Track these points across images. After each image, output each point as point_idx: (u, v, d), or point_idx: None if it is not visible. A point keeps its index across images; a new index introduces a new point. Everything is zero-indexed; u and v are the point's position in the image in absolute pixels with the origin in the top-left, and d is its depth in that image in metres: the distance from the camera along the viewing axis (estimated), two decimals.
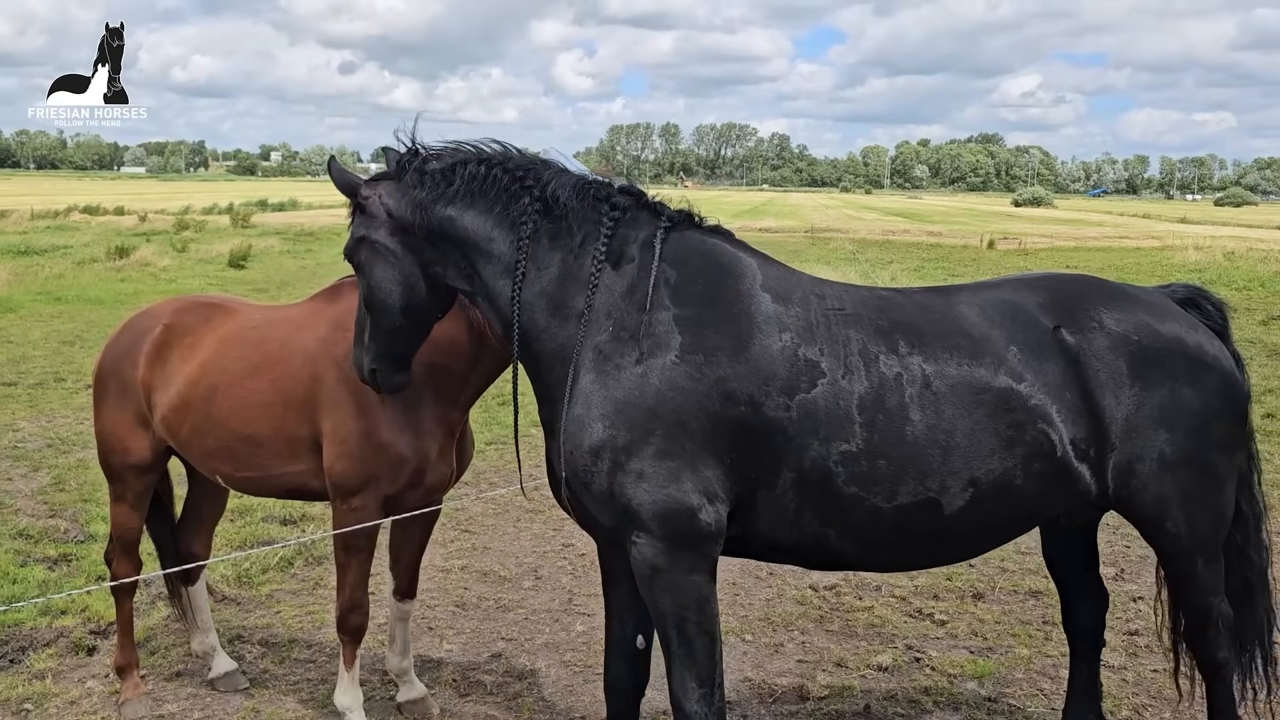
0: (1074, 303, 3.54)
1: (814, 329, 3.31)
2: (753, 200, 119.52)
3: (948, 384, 3.30)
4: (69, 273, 21.87)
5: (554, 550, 6.77)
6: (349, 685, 4.35)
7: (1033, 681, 4.94)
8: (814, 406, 3.21)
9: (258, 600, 5.94)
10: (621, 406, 3.21)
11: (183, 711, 4.63)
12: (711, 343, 3.24)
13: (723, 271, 3.38)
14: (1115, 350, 3.43)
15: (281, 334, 4.31)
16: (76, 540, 6.81)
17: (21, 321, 15.91)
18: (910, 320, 3.41)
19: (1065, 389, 3.39)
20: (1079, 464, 3.40)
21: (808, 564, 3.62)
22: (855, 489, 3.25)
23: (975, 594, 6.04)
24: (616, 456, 3.21)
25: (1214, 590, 3.69)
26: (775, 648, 5.32)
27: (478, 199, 3.41)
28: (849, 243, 39.03)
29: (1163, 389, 3.43)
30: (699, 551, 3.26)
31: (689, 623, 3.28)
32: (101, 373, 4.68)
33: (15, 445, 9.05)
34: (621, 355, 3.26)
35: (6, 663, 5.12)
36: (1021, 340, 3.42)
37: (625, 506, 3.23)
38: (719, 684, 3.36)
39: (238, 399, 4.25)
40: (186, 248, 28.85)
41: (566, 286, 3.37)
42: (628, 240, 3.39)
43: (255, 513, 7.38)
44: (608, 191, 3.46)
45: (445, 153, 3.50)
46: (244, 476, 4.37)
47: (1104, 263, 29.37)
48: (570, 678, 4.97)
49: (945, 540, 3.44)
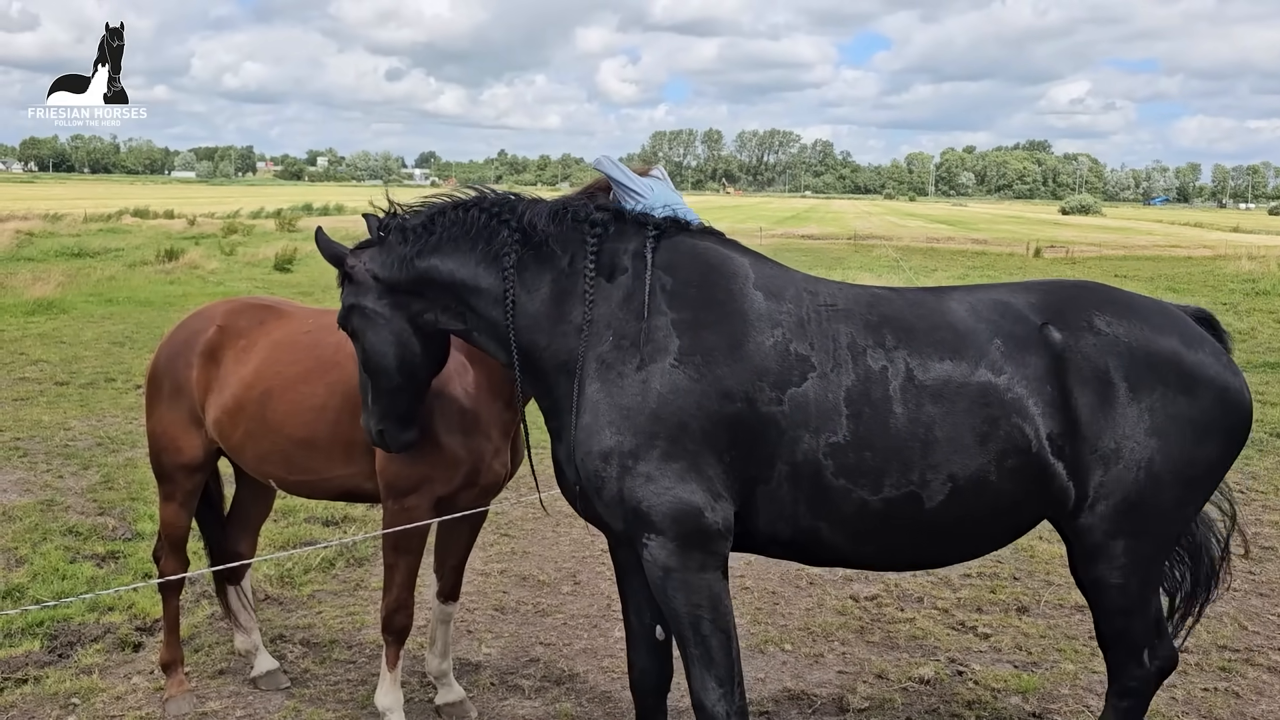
0: (1066, 304, 3.52)
1: (805, 324, 3.38)
2: (795, 207, 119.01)
3: (929, 377, 3.33)
4: (120, 275, 22.27)
5: (593, 556, 6.76)
6: (390, 686, 4.37)
7: (1079, 698, 4.85)
8: (804, 400, 3.29)
9: (299, 600, 5.99)
10: (626, 412, 3.30)
11: (225, 709, 4.68)
12: (708, 343, 3.33)
13: (715, 273, 3.47)
14: (1103, 349, 3.38)
15: (335, 338, 4.31)
16: (125, 538, 6.91)
17: (74, 323, 16.23)
18: (899, 315, 3.45)
19: (1045, 383, 3.35)
20: (1055, 460, 3.35)
21: (805, 559, 3.65)
22: (844, 481, 3.30)
23: (1020, 607, 5.94)
24: (624, 461, 3.29)
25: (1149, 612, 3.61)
26: (815, 658, 5.27)
27: (460, 242, 3.56)
28: (892, 250, 38.70)
29: (1153, 394, 3.36)
30: (708, 550, 3.32)
31: (704, 621, 3.33)
32: (155, 373, 4.74)
33: (66, 444, 9.22)
34: (623, 363, 3.35)
35: (55, 657, 5.21)
36: (1006, 334, 3.41)
37: (635, 509, 3.31)
38: (738, 681, 3.41)
39: (293, 403, 4.30)
40: (234, 251, 29.31)
41: (562, 304, 3.48)
42: (618, 253, 3.51)
43: (298, 513, 7.46)
44: (586, 212, 3.57)
45: (422, 208, 3.68)
46: (298, 480, 4.41)
47: (1154, 272, 28.88)
48: (609, 683, 4.96)
49: (930, 536, 3.43)
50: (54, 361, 13.02)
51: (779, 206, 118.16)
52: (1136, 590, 3.50)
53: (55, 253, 27.64)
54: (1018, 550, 6.81)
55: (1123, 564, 3.44)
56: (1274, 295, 22.40)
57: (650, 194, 4.10)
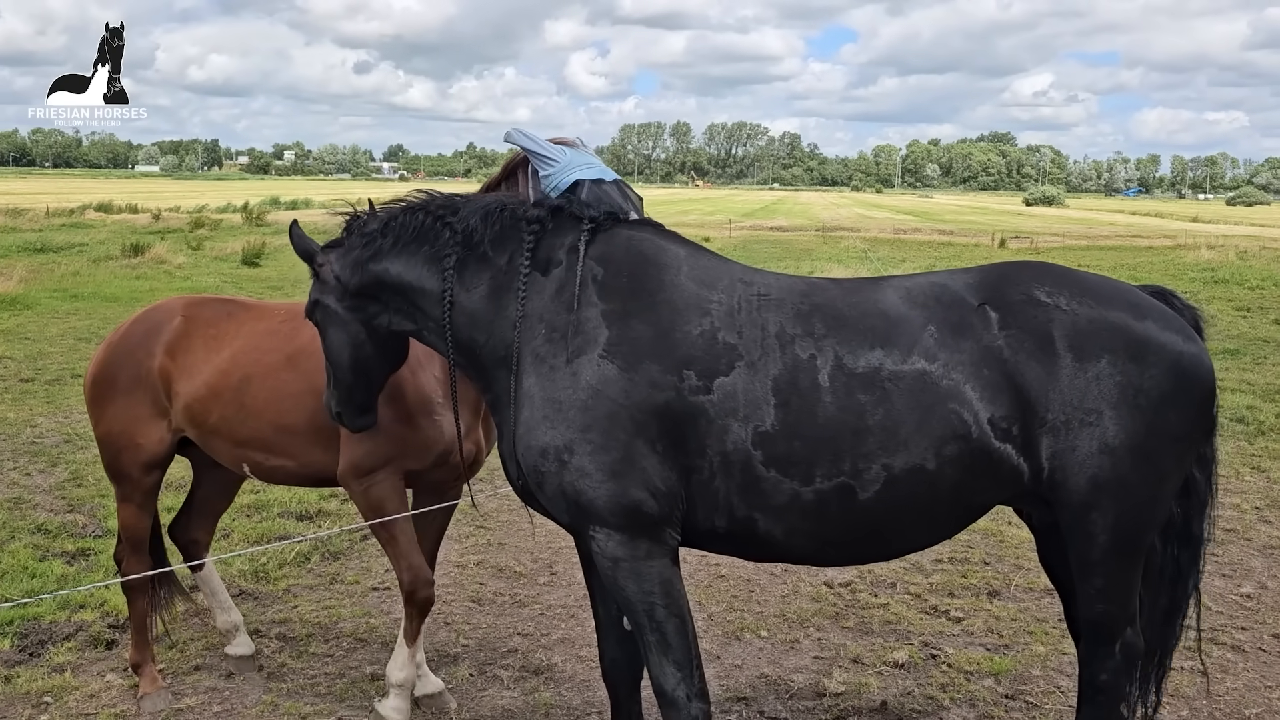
0: (1004, 281, 3.43)
1: (735, 314, 3.36)
2: (764, 199, 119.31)
3: (859, 366, 3.27)
4: (85, 270, 21.97)
5: (569, 547, 6.76)
6: (406, 661, 4.38)
7: (1050, 679, 4.94)
8: (733, 388, 3.26)
9: (274, 595, 5.97)
10: (559, 406, 3.31)
11: (201, 705, 4.66)
12: (635, 333, 3.32)
13: (647, 263, 3.47)
14: (1044, 320, 3.28)
15: (313, 328, 4.33)
16: (94, 535, 6.84)
17: (38, 318, 16.00)
18: (830, 304, 3.40)
19: (983, 365, 3.25)
20: (1000, 444, 3.25)
21: (747, 553, 3.62)
22: (774, 471, 3.26)
23: (991, 592, 6.03)
24: (560, 455, 3.30)
25: (1124, 603, 3.47)
26: (791, 644, 5.33)
27: (408, 245, 3.63)
28: (860, 241, 38.95)
29: (1100, 362, 3.24)
30: (655, 539, 3.33)
31: (657, 607, 3.34)
32: (108, 370, 4.67)
33: (33, 441, 9.10)
34: (555, 356, 3.37)
35: (26, 656, 5.16)
36: (941, 320, 3.33)
37: (576, 503, 3.32)
38: (697, 664, 3.41)
39: (272, 389, 4.38)
40: (201, 246, 28.97)
41: (499, 300, 3.52)
42: (555, 247, 3.53)
43: (272, 508, 7.42)
44: (523, 210, 3.62)
45: (381, 211, 3.76)
46: (274, 465, 4.47)
47: (1116, 261, 29.26)
48: (586, 672, 4.98)
49: (868, 527, 3.35)
50: (18, 358, 12.83)
51: (747, 199, 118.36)
52: (1115, 572, 3.41)
53: (17, 248, 27.18)
54: (988, 536, 6.91)
55: (1100, 543, 3.35)
56: (1233, 283, 22.78)
57: (563, 158, 4.18)
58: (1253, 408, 10.57)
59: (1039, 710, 4.64)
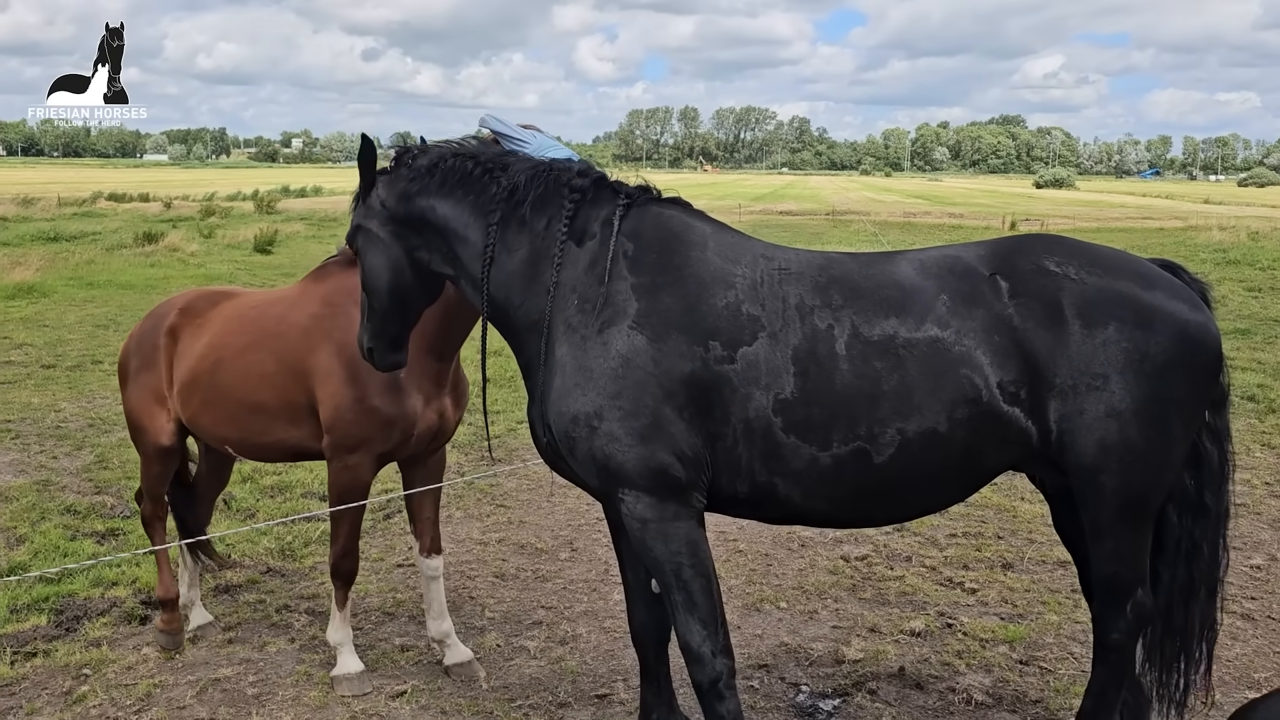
0: (1015, 252, 3.52)
1: (757, 287, 3.47)
2: (773, 183, 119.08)
3: (875, 334, 3.38)
4: (99, 258, 22.12)
5: (588, 524, 6.89)
6: (340, 624, 4.76)
7: (1063, 646, 5.04)
8: (755, 358, 3.38)
9: (301, 572, 6.10)
10: (590, 374, 3.43)
11: (237, 675, 4.80)
12: (664, 305, 3.44)
13: (675, 239, 3.58)
14: (1054, 288, 3.38)
15: (277, 311, 4.74)
16: (123, 516, 6.98)
17: (56, 306, 16.17)
18: (847, 276, 3.51)
19: (994, 332, 3.35)
20: (1009, 407, 3.35)
21: (767, 516, 3.70)
22: (793, 437, 3.38)
23: (1004, 564, 6.13)
24: (591, 422, 3.42)
25: (1133, 564, 3.56)
26: (809, 614, 5.44)
27: (455, 189, 3.73)
28: (870, 224, 38.91)
29: (1107, 329, 3.33)
30: (682, 501, 3.45)
31: (684, 567, 3.46)
32: (124, 357, 5.19)
33: (57, 425, 9.26)
34: (586, 326, 3.48)
35: (63, 631, 5.30)
36: (953, 289, 3.42)
37: (605, 467, 3.44)
38: (722, 622, 3.55)
39: (241, 371, 4.66)
40: (213, 233, 29.13)
41: (536, 265, 3.63)
42: (590, 219, 3.64)
43: (295, 489, 7.56)
44: (567, 177, 3.70)
45: (433, 149, 3.84)
46: (251, 443, 4.78)
47: (1127, 243, 29.18)
48: (611, 643, 5.11)
49: (882, 490, 3.46)
50: (38, 345, 13.00)
51: (756, 183, 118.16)
52: (1124, 534, 3.50)
53: (31, 237, 27.41)
54: (1000, 511, 7.01)
55: (1109, 506, 3.44)
56: (1244, 264, 22.74)
57: (534, 141, 4.34)
58: (1263, 386, 10.63)
59: (1053, 675, 4.74)
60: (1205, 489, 3.76)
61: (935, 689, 4.62)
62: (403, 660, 4.96)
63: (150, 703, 4.56)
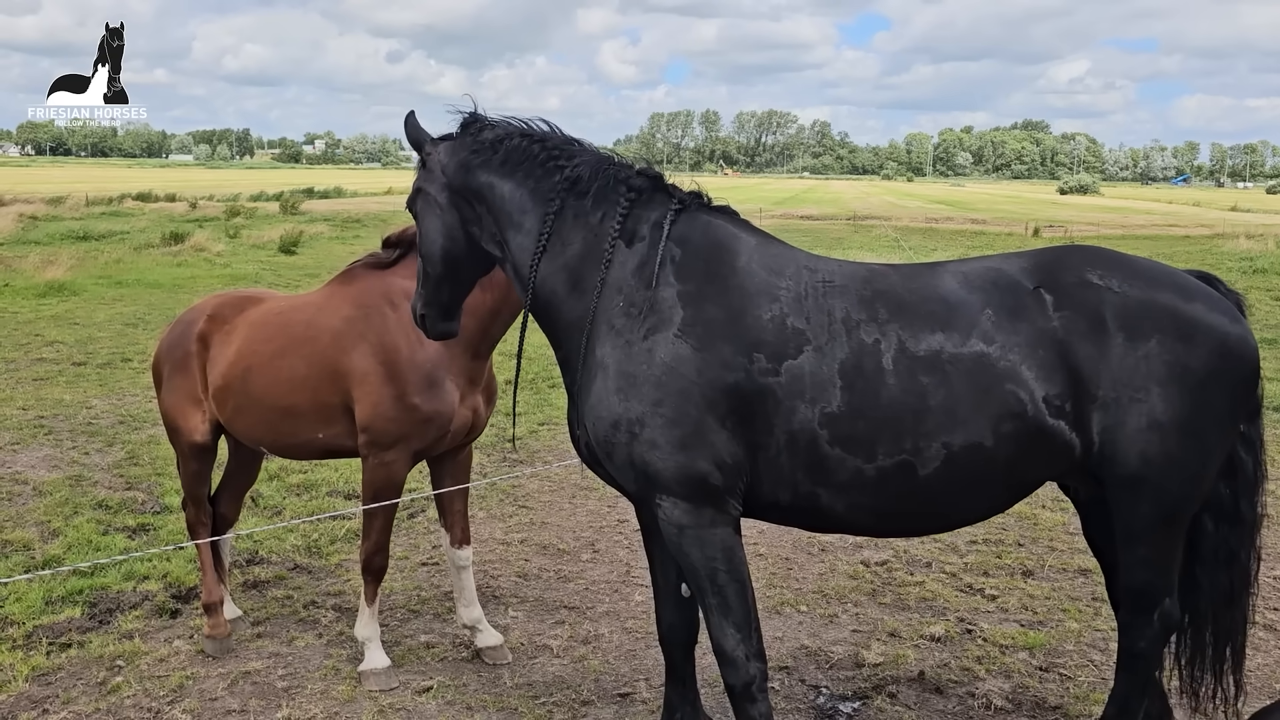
0: (1058, 265, 3.54)
1: (802, 300, 3.48)
2: (793, 188, 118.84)
3: (921, 349, 3.39)
4: (127, 258, 22.41)
5: (610, 525, 6.96)
6: (369, 619, 4.84)
7: (1083, 653, 5.06)
8: (800, 371, 3.39)
9: (328, 570, 6.19)
10: (632, 380, 3.45)
11: (266, 669, 4.89)
12: (709, 315, 3.46)
13: (721, 249, 3.59)
14: (1097, 301, 3.40)
15: (304, 317, 4.86)
16: (154, 511, 7.11)
17: (85, 304, 16.39)
18: (892, 290, 3.52)
19: (1039, 346, 3.37)
20: (1054, 420, 3.37)
21: (807, 524, 3.74)
22: (839, 449, 3.39)
23: (1025, 571, 6.15)
24: (631, 428, 3.44)
25: (1165, 573, 3.59)
26: (830, 619, 5.48)
27: (516, 170, 3.71)
28: (892, 230, 38.84)
29: (1150, 341, 3.36)
30: (719, 508, 3.47)
31: (719, 572, 3.50)
32: (156, 361, 5.31)
33: (89, 422, 9.41)
34: (631, 330, 3.50)
35: (96, 623, 5.41)
36: (998, 304, 3.44)
37: (644, 472, 3.47)
38: (755, 627, 3.58)
39: (271, 377, 4.78)
40: (238, 234, 29.44)
41: (586, 262, 3.63)
42: (641, 220, 3.64)
43: (320, 488, 7.66)
44: (626, 174, 3.69)
45: (499, 124, 3.81)
46: (285, 444, 4.91)
47: (1152, 250, 29.00)
48: (633, 643, 5.17)
49: (925, 502, 3.48)
50: (69, 343, 13.20)
51: (777, 187, 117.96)
52: (1158, 542, 3.53)
53: (61, 236, 27.80)
54: (1021, 519, 7.02)
55: (1145, 515, 3.47)
56: (1272, 273, 22.58)
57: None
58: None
59: (1072, 682, 4.77)
60: (1241, 498, 3.78)
61: (955, 694, 4.66)
62: (428, 656, 5.04)
63: (183, 694, 4.66)
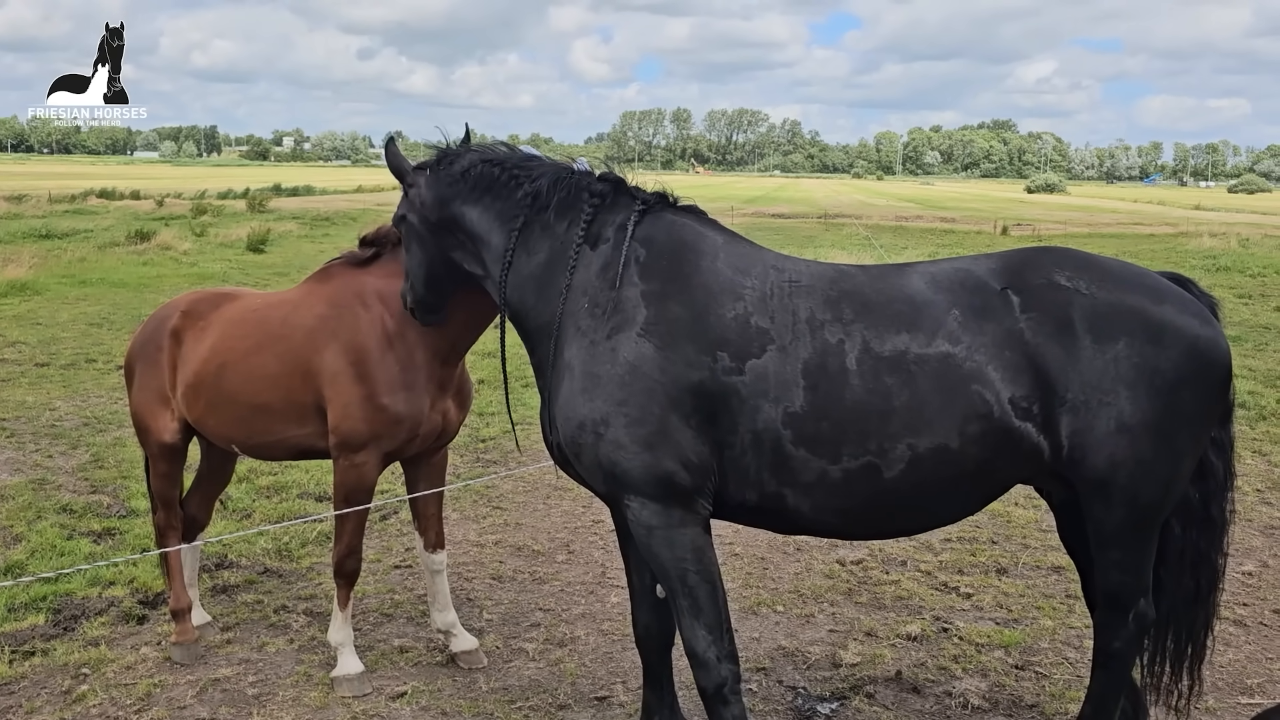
0: (1026, 266, 3.51)
1: (768, 299, 3.48)
2: (765, 186, 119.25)
3: (886, 349, 3.38)
4: (91, 256, 22.07)
5: (584, 526, 6.92)
6: (342, 624, 4.78)
7: (1058, 651, 5.08)
8: (764, 370, 3.39)
9: (299, 573, 6.10)
10: (597, 380, 3.47)
11: (237, 675, 4.80)
12: (672, 314, 3.46)
13: (686, 248, 3.60)
14: (1065, 303, 3.37)
15: (280, 314, 4.80)
16: (119, 515, 6.99)
17: (48, 304, 16.13)
18: (858, 290, 3.50)
19: (1005, 347, 3.34)
20: (1020, 422, 3.35)
21: (775, 526, 3.73)
22: (803, 450, 3.38)
23: (999, 569, 6.18)
24: (596, 428, 3.45)
25: (1138, 574, 3.58)
26: (806, 618, 5.47)
27: (484, 195, 3.88)
28: (863, 228, 39.02)
29: (1118, 343, 3.33)
30: (688, 508, 3.47)
31: (689, 573, 3.49)
32: (129, 359, 5.23)
33: (52, 424, 9.24)
34: (595, 330, 3.52)
35: (61, 630, 5.30)
36: (965, 304, 3.41)
37: (611, 473, 3.47)
38: (727, 627, 3.56)
39: (245, 374, 4.72)
40: (205, 232, 29.08)
41: (552, 269, 3.71)
42: (606, 223, 3.70)
43: (291, 490, 7.56)
44: (588, 181, 3.79)
45: (467, 154, 3.98)
46: (257, 443, 4.83)
47: (1119, 249, 29.34)
48: (609, 645, 5.13)
49: (892, 504, 3.46)
50: (32, 343, 12.97)
51: (748, 185, 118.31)
52: (1130, 545, 3.53)
53: (23, 234, 27.33)
54: (995, 516, 7.05)
55: (1117, 518, 3.45)
56: (1234, 271, 22.90)
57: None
58: (1254, 393, 10.71)
59: (1048, 679, 4.78)
60: (1211, 501, 3.77)
61: (932, 693, 4.66)
62: (402, 661, 4.97)
63: (150, 702, 4.57)
